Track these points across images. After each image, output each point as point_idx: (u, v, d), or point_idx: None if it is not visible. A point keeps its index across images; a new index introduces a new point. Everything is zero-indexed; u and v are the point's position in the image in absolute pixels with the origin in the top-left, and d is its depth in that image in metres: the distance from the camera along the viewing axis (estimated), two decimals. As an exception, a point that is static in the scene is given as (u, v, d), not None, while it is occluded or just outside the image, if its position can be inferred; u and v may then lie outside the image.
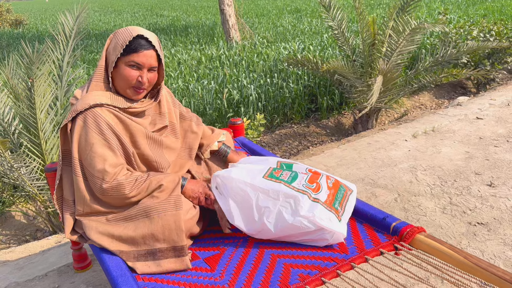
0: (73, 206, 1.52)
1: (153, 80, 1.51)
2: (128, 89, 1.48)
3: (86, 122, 1.43)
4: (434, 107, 5.96)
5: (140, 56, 1.43)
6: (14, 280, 2.11)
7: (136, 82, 1.46)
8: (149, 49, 1.45)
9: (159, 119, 1.61)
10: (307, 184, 1.50)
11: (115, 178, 1.41)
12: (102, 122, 1.43)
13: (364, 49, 4.63)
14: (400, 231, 1.44)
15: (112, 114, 1.47)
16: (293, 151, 4.82)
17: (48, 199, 3.18)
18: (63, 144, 1.50)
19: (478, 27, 6.37)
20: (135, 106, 1.52)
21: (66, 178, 1.52)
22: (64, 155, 1.52)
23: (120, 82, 1.48)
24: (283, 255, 1.43)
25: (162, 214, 1.39)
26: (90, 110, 1.43)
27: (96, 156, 1.41)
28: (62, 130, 1.48)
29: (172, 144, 1.63)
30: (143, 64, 1.44)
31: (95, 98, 1.44)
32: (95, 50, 9.15)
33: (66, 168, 1.52)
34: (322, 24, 10.45)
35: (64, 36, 3.31)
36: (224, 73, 5.72)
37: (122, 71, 1.45)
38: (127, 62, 1.44)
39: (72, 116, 1.44)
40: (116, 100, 1.48)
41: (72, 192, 1.52)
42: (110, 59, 1.46)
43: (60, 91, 3.28)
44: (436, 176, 2.85)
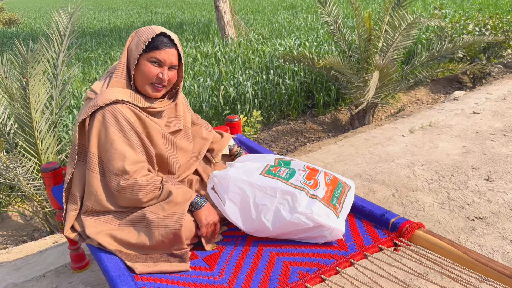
0: (78, 202, 1.51)
1: (173, 79, 1.51)
2: (147, 86, 1.47)
3: (106, 118, 1.41)
4: (430, 102, 5.97)
5: (162, 53, 1.43)
6: (12, 281, 2.10)
7: (156, 79, 1.46)
8: (171, 47, 1.45)
9: (174, 122, 1.61)
10: (305, 180, 1.50)
11: (134, 177, 1.40)
12: (122, 119, 1.42)
13: (360, 45, 4.62)
14: (399, 227, 1.44)
15: (132, 112, 1.46)
16: (290, 148, 4.82)
17: (45, 199, 3.16)
18: (79, 138, 1.48)
19: (473, 21, 6.37)
20: (155, 106, 1.51)
21: (78, 173, 1.51)
22: (79, 150, 1.50)
23: (140, 79, 1.47)
24: (282, 253, 1.42)
25: (162, 231, 1.39)
26: (111, 106, 1.42)
27: (116, 153, 1.40)
28: (79, 124, 1.46)
29: (185, 147, 1.63)
30: (164, 61, 1.45)
31: (116, 94, 1.44)
32: (90, 48, 9.09)
33: (79, 163, 1.51)
34: (318, 20, 10.43)
35: (59, 34, 3.28)
36: (220, 70, 5.70)
37: (143, 67, 1.45)
38: (149, 58, 1.44)
39: (92, 111, 1.42)
40: (136, 98, 1.47)
41: (81, 187, 1.50)
42: (132, 56, 1.46)
43: (55, 90, 3.25)
44: (434, 171, 2.85)
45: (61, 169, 1.97)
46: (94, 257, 1.45)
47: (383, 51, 4.46)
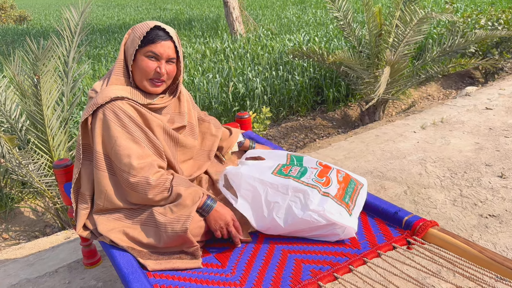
0: (88, 201, 1.51)
1: (172, 72, 1.49)
2: (146, 82, 1.47)
3: (107, 116, 1.41)
4: (441, 98, 5.91)
5: (158, 47, 1.42)
6: (25, 277, 2.12)
7: (155, 73, 1.45)
8: (167, 40, 1.44)
9: (178, 118, 1.60)
10: (317, 178, 1.49)
11: (143, 175, 1.39)
12: (123, 115, 1.42)
13: (370, 40, 4.58)
14: (413, 225, 1.42)
15: (132, 107, 1.45)
16: (299, 144, 4.80)
17: (57, 195, 3.19)
18: (83, 138, 1.48)
19: (485, 15, 6.28)
20: (155, 102, 1.51)
21: (85, 173, 1.51)
22: (84, 149, 1.50)
23: (138, 75, 1.46)
24: (294, 251, 1.42)
25: (169, 233, 1.37)
26: (111, 103, 1.42)
27: (121, 149, 1.39)
28: (82, 124, 1.46)
29: (189, 144, 1.62)
30: (161, 55, 1.43)
31: (116, 91, 1.43)
32: (99, 45, 9.14)
33: (85, 163, 1.51)
34: (327, 15, 10.36)
35: (69, 31, 3.29)
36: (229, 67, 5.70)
37: (140, 62, 1.44)
38: (145, 53, 1.43)
39: (93, 110, 1.42)
40: (136, 95, 1.47)
41: (90, 187, 1.51)
42: (129, 52, 1.46)
43: (66, 87, 3.27)
44: (446, 168, 2.82)
45: (72, 166, 1.98)
46: (106, 254, 1.46)
47: (394, 46, 4.41)
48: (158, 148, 1.49)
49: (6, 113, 3.17)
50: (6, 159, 3.00)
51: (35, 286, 2.05)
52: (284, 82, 5.36)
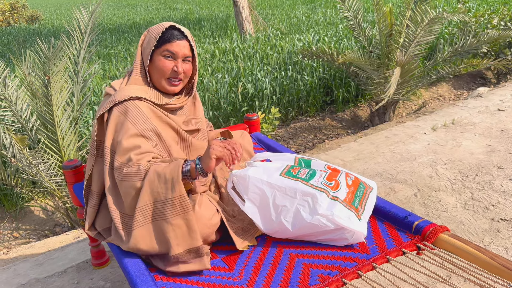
0: (96, 199, 1.52)
1: (189, 71, 1.51)
2: (163, 81, 1.48)
3: (123, 113, 1.42)
4: (452, 98, 5.84)
5: (174, 46, 1.44)
6: (34, 277, 2.14)
7: (172, 72, 1.46)
8: (182, 39, 1.46)
9: (193, 122, 1.61)
10: (326, 181, 1.47)
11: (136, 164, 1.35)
12: (139, 114, 1.42)
13: (381, 40, 4.54)
14: (423, 230, 1.40)
15: (149, 108, 1.46)
16: (308, 145, 4.78)
17: (66, 195, 3.21)
18: (98, 134, 1.48)
19: (498, 15, 6.19)
20: (173, 103, 1.51)
21: (96, 170, 1.51)
22: (98, 146, 1.50)
23: (156, 75, 1.48)
24: (302, 255, 1.40)
25: (170, 219, 1.34)
26: (129, 102, 1.42)
27: (128, 143, 1.38)
28: (98, 120, 1.47)
29: (200, 148, 1.61)
30: (177, 53, 1.45)
31: (134, 91, 1.44)
32: (110, 45, 9.19)
33: (98, 159, 1.51)
34: (337, 14, 10.30)
35: (80, 32, 3.31)
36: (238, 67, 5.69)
37: (157, 62, 1.45)
38: (162, 52, 1.44)
39: (110, 106, 1.43)
40: (154, 95, 1.48)
41: (99, 184, 1.51)
42: (145, 53, 1.48)
43: (76, 87, 3.29)
44: (457, 170, 2.78)
45: (82, 166, 1.99)
46: (114, 256, 1.46)
47: (405, 46, 4.37)
48: (169, 151, 1.49)
49: (17, 112, 3.20)
50: (17, 158, 3.03)
51: (44, 286, 2.07)
52: (293, 82, 5.34)
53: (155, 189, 1.34)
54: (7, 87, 3.19)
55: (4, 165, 3.38)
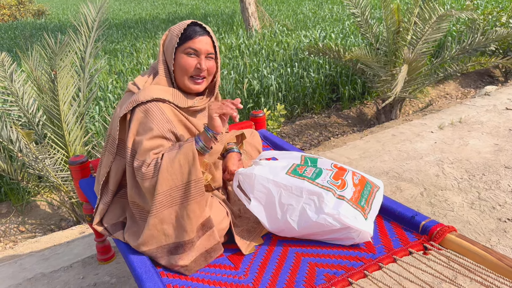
0: (110, 196, 1.53)
1: (212, 69, 1.49)
2: (187, 80, 1.47)
3: (146, 114, 1.41)
4: (460, 97, 5.80)
5: (196, 42, 1.43)
6: (40, 271, 2.15)
7: (195, 70, 1.45)
8: (204, 35, 1.45)
9: None
10: (332, 180, 1.46)
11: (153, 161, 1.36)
12: (162, 117, 1.41)
13: (388, 37, 4.51)
14: (430, 230, 1.39)
15: (172, 111, 1.45)
16: (313, 142, 4.77)
17: (72, 190, 3.23)
18: (120, 133, 1.48)
19: (507, 13, 6.13)
20: (196, 105, 1.50)
21: (114, 167, 1.51)
22: (119, 144, 1.49)
23: (179, 73, 1.47)
24: (307, 254, 1.40)
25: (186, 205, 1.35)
26: (152, 103, 1.41)
27: (149, 143, 1.38)
28: (120, 119, 1.46)
29: (216, 153, 1.60)
30: (200, 50, 1.44)
31: (158, 92, 1.43)
32: (116, 40, 9.20)
33: (117, 157, 1.50)
34: (344, 10, 10.25)
35: (87, 27, 3.31)
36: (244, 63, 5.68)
37: (180, 60, 1.44)
38: (184, 50, 1.43)
39: (133, 106, 1.42)
40: (178, 97, 1.47)
41: (115, 182, 1.51)
42: (168, 52, 1.47)
43: (83, 83, 3.30)
44: (464, 169, 2.76)
45: (88, 162, 2.00)
46: (120, 252, 1.46)
47: (412, 44, 4.34)
48: None
49: (23, 107, 3.21)
50: (23, 153, 3.05)
51: (50, 280, 2.08)
52: (299, 79, 5.32)
53: (170, 176, 1.34)
54: (14, 82, 3.20)
55: (11, 159, 3.40)
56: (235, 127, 2.20)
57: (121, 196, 1.58)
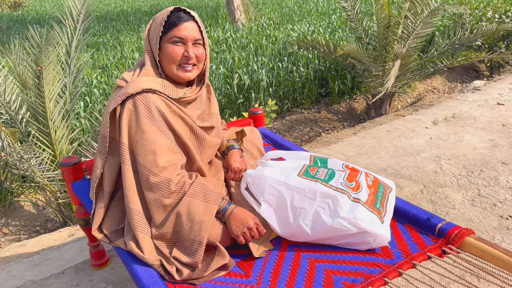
0: (107, 199, 1.43)
1: (202, 55, 1.40)
2: (175, 69, 1.38)
3: (137, 107, 1.32)
4: (447, 91, 5.83)
5: (181, 29, 1.34)
6: (30, 278, 2.04)
7: (183, 58, 1.36)
8: (189, 20, 1.35)
9: (208, 118, 1.52)
10: (346, 182, 1.40)
11: (165, 175, 1.30)
12: (154, 109, 1.33)
13: (379, 32, 4.47)
14: (447, 233, 1.35)
15: (164, 102, 1.36)
16: (304, 138, 4.72)
17: (59, 190, 3.10)
18: (110, 130, 1.38)
19: (492, 8, 6.18)
20: (188, 95, 1.42)
21: (107, 168, 1.41)
22: (110, 143, 1.40)
23: (166, 64, 1.38)
24: (321, 260, 1.34)
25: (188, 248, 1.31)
26: (142, 95, 1.32)
27: (147, 143, 1.30)
28: (110, 114, 1.36)
29: (213, 146, 1.54)
30: (186, 37, 1.35)
31: (148, 83, 1.34)
32: (98, 33, 8.95)
33: (109, 157, 1.41)
34: (329, 4, 10.21)
35: (72, 19, 3.16)
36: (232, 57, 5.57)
37: (166, 50, 1.35)
38: (169, 39, 1.35)
39: (122, 99, 1.33)
40: (168, 88, 1.38)
41: (110, 183, 1.42)
42: (153, 42, 1.38)
43: (69, 78, 3.15)
44: (461, 165, 2.75)
45: (81, 163, 1.89)
46: (122, 262, 1.37)
47: (403, 38, 4.31)
48: (185, 147, 1.40)
49: (5, 104, 3.05)
50: (6, 152, 2.90)
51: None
52: (288, 73, 5.25)
53: (180, 223, 1.31)
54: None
55: (-7, 159, 3.24)
56: (233, 125, 2.12)
57: (119, 199, 1.49)
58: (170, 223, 1.31)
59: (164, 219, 1.32)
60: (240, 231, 1.34)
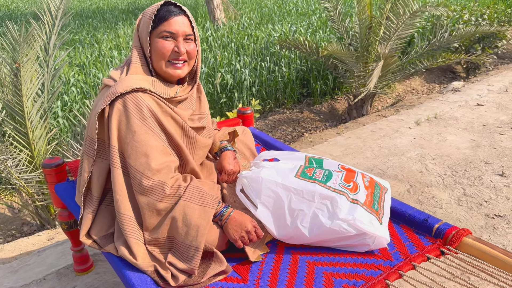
0: (95, 204, 1.36)
1: (193, 52, 1.35)
2: (165, 66, 1.32)
3: (127, 107, 1.25)
4: (425, 92, 5.93)
5: (171, 24, 1.28)
6: (9, 285, 1.94)
7: (173, 54, 1.31)
8: (179, 14, 1.30)
9: (199, 118, 1.47)
10: (343, 183, 1.38)
11: (159, 178, 1.24)
12: (145, 109, 1.27)
13: (361, 33, 4.50)
14: (445, 233, 1.34)
15: (155, 102, 1.31)
16: (287, 138, 4.70)
17: (36, 192, 2.98)
18: (99, 132, 1.31)
19: (469, 11, 6.32)
20: (179, 94, 1.37)
21: (96, 171, 1.34)
22: (99, 145, 1.33)
23: (156, 60, 1.32)
24: (320, 262, 1.31)
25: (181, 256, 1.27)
26: (132, 94, 1.26)
27: (139, 146, 1.24)
28: (98, 116, 1.29)
29: (205, 147, 1.49)
30: (177, 32, 1.29)
31: (137, 81, 1.28)
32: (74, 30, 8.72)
33: (97, 160, 1.34)
34: (309, 5, 10.26)
35: (50, 16, 3.05)
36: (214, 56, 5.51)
37: (156, 45, 1.30)
38: (159, 34, 1.29)
39: (111, 99, 1.26)
40: (158, 86, 1.32)
41: (99, 187, 1.35)
42: (143, 37, 1.32)
43: (47, 76, 3.04)
44: (446, 165, 2.78)
45: (64, 165, 1.81)
46: (114, 269, 1.31)
47: (385, 39, 4.35)
48: (178, 148, 1.35)
49: (-21, 103, 2.92)
50: (-20, 153, 2.76)
51: (21, 296, 1.88)
52: (270, 73, 5.23)
53: (175, 228, 1.26)
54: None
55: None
56: (223, 125, 2.08)
57: (108, 203, 1.42)
58: (165, 228, 1.26)
59: (158, 224, 1.27)
60: (238, 235, 1.30)
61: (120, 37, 7.39)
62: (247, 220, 1.32)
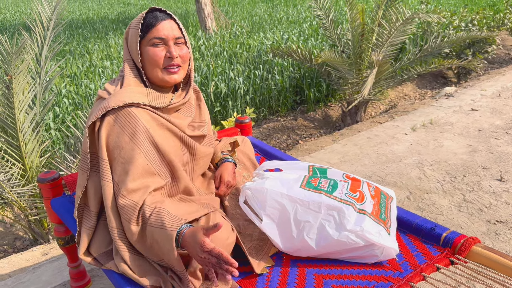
0: (94, 219, 1.32)
1: (186, 55, 1.32)
2: (160, 73, 1.29)
3: (117, 122, 1.23)
4: (418, 97, 5.96)
5: (159, 29, 1.26)
6: (4, 305, 1.88)
7: (166, 60, 1.28)
8: (166, 18, 1.28)
9: (199, 126, 1.43)
10: (349, 193, 1.36)
11: (133, 200, 1.20)
12: (136, 125, 1.23)
13: (353, 40, 4.51)
14: (453, 242, 1.32)
15: (149, 116, 1.27)
16: (282, 145, 4.68)
17: (29, 207, 2.91)
18: (90, 145, 1.28)
19: (459, 17, 6.39)
20: (174, 102, 1.33)
21: (92, 186, 1.30)
22: (91, 158, 1.29)
23: (150, 69, 1.29)
24: (328, 275, 1.28)
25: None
26: (125, 110, 1.23)
27: (122, 162, 1.22)
28: (89, 129, 1.26)
29: (206, 156, 1.45)
30: (166, 37, 1.27)
31: (131, 95, 1.25)
32: (64, 41, 8.66)
33: (92, 174, 1.30)
34: (299, 13, 10.31)
35: (42, 27, 3.00)
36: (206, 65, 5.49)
37: (147, 54, 1.27)
38: (149, 42, 1.27)
39: (102, 113, 1.23)
40: (153, 98, 1.29)
41: (96, 202, 1.31)
42: (133, 48, 1.29)
43: (39, 88, 2.99)
44: (444, 171, 2.77)
45: (60, 179, 1.76)
46: (115, 286, 1.26)
47: (378, 46, 4.37)
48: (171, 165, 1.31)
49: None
50: (-29, 168, 2.70)
51: (16, 315, 1.82)
52: (263, 81, 5.22)
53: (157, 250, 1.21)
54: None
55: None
56: (221, 135, 2.05)
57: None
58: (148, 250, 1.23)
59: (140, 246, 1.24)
60: (199, 259, 1.09)
61: (111, 47, 7.34)
62: (199, 236, 1.08)
